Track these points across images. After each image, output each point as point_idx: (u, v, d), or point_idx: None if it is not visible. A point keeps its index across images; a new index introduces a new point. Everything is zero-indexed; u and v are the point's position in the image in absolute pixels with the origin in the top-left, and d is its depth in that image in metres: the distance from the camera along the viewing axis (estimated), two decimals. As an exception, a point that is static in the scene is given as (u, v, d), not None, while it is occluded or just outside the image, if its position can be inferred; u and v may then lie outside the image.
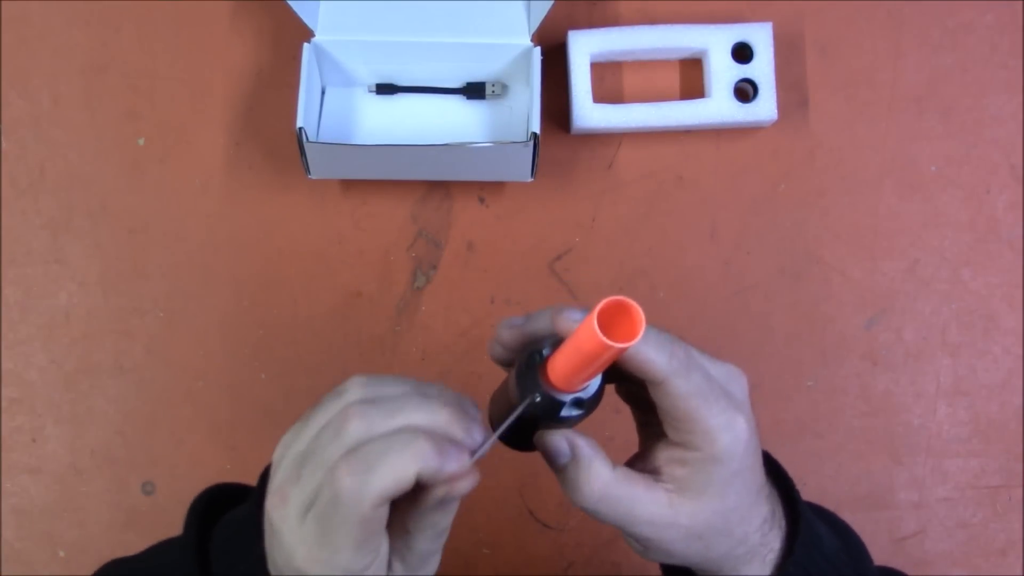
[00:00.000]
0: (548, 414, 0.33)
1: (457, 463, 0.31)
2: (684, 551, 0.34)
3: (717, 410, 0.32)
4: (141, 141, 0.66)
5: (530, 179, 0.61)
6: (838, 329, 0.65)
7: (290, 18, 0.60)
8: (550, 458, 0.34)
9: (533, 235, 0.65)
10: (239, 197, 0.65)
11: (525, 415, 0.33)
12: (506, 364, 0.36)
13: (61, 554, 0.63)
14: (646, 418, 0.36)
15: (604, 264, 0.65)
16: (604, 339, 0.27)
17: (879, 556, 0.64)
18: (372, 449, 0.31)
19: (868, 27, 0.67)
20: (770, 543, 0.35)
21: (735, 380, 0.35)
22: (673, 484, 0.33)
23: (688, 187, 0.66)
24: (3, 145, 0.66)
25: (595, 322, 0.27)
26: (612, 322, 0.28)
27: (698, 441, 0.32)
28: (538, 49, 0.60)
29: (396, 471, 0.30)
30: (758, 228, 0.65)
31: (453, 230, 0.65)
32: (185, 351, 0.64)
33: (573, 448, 0.33)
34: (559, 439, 0.34)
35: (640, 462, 0.36)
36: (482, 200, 0.65)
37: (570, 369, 0.31)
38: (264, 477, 0.37)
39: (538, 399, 0.32)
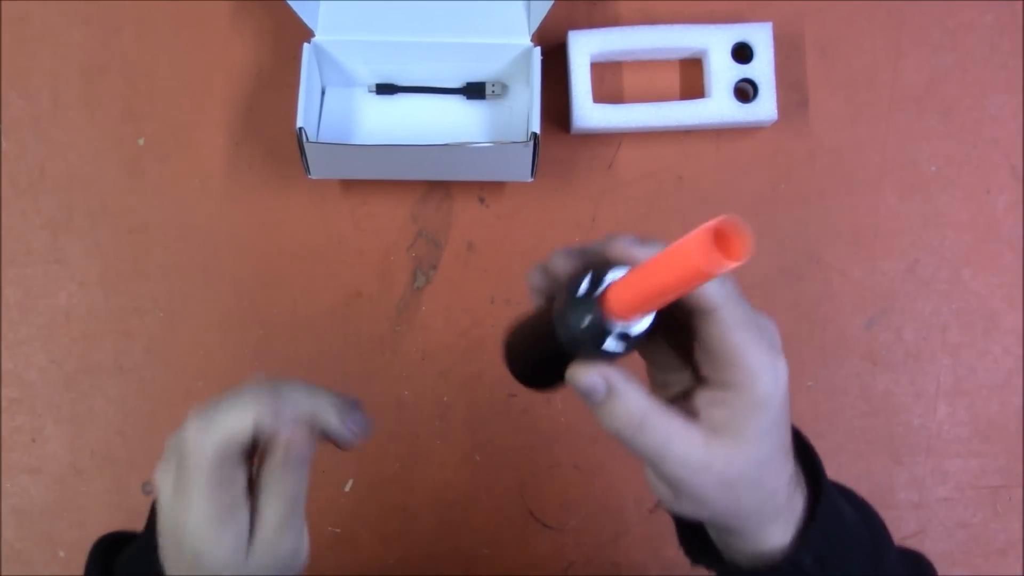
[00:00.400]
0: (592, 341, 0.30)
1: (291, 414, 0.34)
2: (714, 500, 0.32)
3: (762, 349, 0.31)
4: (141, 141, 0.66)
5: (530, 179, 0.61)
6: (838, 329, 0.65)
7: (290, 18, 0.60)
8: (585, 395, 0.32)
9: (533, 235, 0.65)
10: (239, 197, 0.65)
11: (563, 345, 0.31)
12: (542, 295, 0.34)
13: (61, 554, 0.63)
14: (665, 377, 0.35)
15: (604, 264, 0.65)
16: (717, 255, 0.25)
17: (879, 556, 0.64)
18: (216, 404, 0.34)
19: (868, 27, 0.67)
20: (795, 505, 0.34)
21: (772, 329, 0.34)
22: (711, 426, 0.32)
23: (688, 187, 0.66)
24: (3, 145, 0.66)
25: (709, 238, 0.25)
26: (726, 250, 0.26)
27: (740, 379, 0.31)
28: (538, 49, 0.60)
29: (233, 419, 0.33)
30: (758, 228, 0.65)
31: (453, 230, 0.65)
32: (185, 351, 0.64)
33: (609, 382, 0.31)
34: (595, 376, 0.31)
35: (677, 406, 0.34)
36: (482, 200, 0.65)
37: (645, 292, 0.28)
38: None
39: (586, 321, 0.29)
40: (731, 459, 0.32)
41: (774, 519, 0.33)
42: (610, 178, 0.66)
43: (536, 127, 0.58)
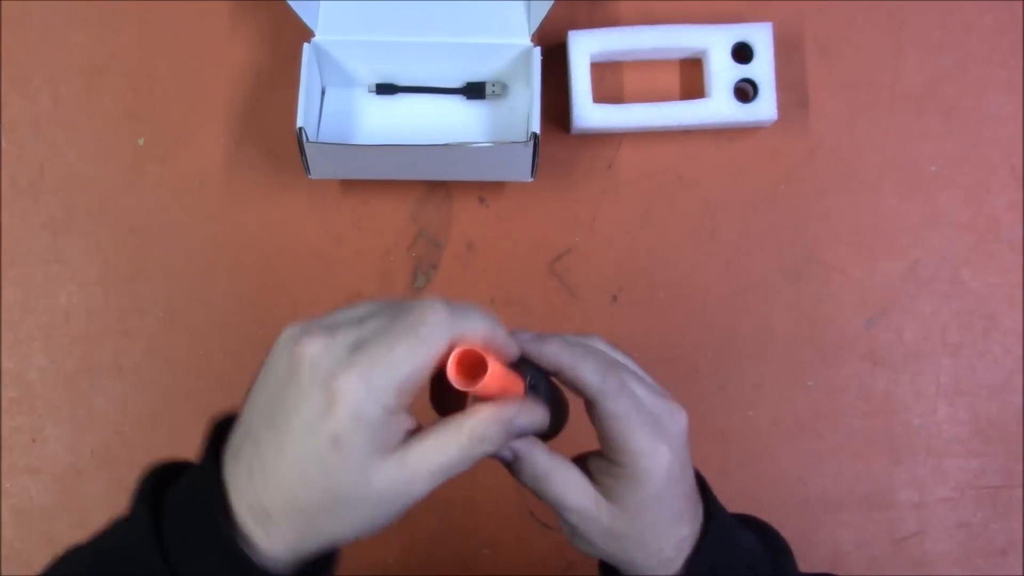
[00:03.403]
0: None
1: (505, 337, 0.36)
2: (602, 547, 0.38)
3: (641, 435, 0.36)
4: (141, 141, 0.66)
5: (530, 179, 0.61)
6: (838, 329, 0.65)
7: (290, 18, 0.60)
8: (501, 461, 0.38)
9: (533, 235, 0.65)
10: (239, 197, 0.65)
11: None
12: None
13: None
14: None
15: (604, 264, 0.65)
16: (458, 384, 0.32)
17: (879, 556, 0.64)
18: (463, 309, 0.34)
19: (868, 27, 0.67)
20: (683, 554, 0.39)
21: (672, 416, 0.38)
22: (601, 487, 0.38)
23: (688, 187, 0.66)
24: (3, 145, 0.66)
25: (451, 374, 0.32)
26: (473, 370, 0.32)
27: (621, 459, 0.36)
28: (538, 49, 0.60)
29: (476, 325, 0.33)
30: (758, 228, 0.65)
31: (453, 230, 0.65)
32: (185, 351, 0.64)
33: (514, 450, 0.37)
34: (504, 449, 0.37)
35: (583, 463, 0.40)
36: (482, 200, 0.65)
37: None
38: (215, 435, 0.35)
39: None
40: (616, 517, 0.37)
41: (662, 567, 0.38)
42: (610, 178, 0.66)
43: (536, 127, 0.58)
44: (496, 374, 0.33)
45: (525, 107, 0.64)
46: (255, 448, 0.32)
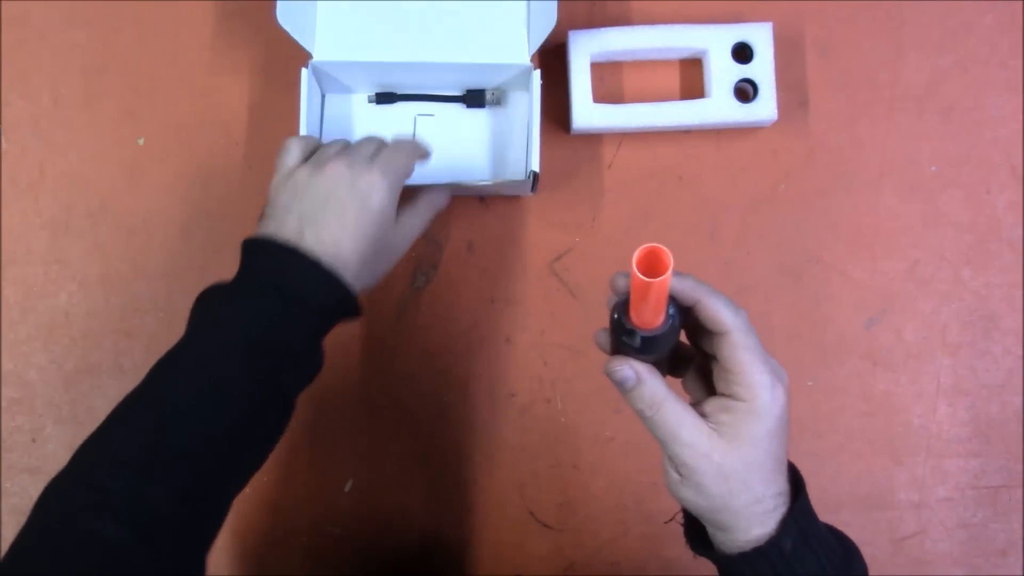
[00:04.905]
0: (615, 333, 0.40)
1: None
2: (711, 488, 0.39)
3: (764, 370, 0.39)
4: (141, 141, 0.66)
5: (530, 194, 0.62)
6: (838, 329, 0.65)
7: (290, 18, 0.60)
8: (619, 383, 0.40)
9: (533, 235, 0.65)
10: (239, 197, 0.65)
11: (616, 336, 0.41)
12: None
13: (61, 554, 0.63)
14: (693, 395, 0.43)
15: (604, 264, 0.65)
16: (640, 276, 0.35)
17: (879, 556, 0.64)
18: (397, 148, 0.53)
19: (868, 27, 0.67)
20: (777, 517, 0.40)
21: (782, 369, 0.41)
22: (716, 425, 0.39)
23: (688, 187, 0.66)
24: (3, 145, 0.66)
25: (634, 265, 0.35)
26: (654, 269, 0.35)
27: (743, 392, 0.39)
28: (538, 72, 0.60)
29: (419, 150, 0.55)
30: (758, 228, 0.65)
31: (453, 230, 0.65)
32: (185, 351, 0.64)
33: (637, 373, 0.39)
34: (626, 369, 0.40)
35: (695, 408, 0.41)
36: (482, 200, 0.65)
37: (632, 306, 0.38)
38: (255, 250, 0.49)
39: (615, 316, 0.39)
40: (728, 454, 0.39)
41: (759, 523, 0.39)
42: (610, 178, 0.66)
43: (535, 165, 0.58)
44: (668, 277, 0.36)
45: (524, 112, 0.64)
46: (318, 227, 0.48)
